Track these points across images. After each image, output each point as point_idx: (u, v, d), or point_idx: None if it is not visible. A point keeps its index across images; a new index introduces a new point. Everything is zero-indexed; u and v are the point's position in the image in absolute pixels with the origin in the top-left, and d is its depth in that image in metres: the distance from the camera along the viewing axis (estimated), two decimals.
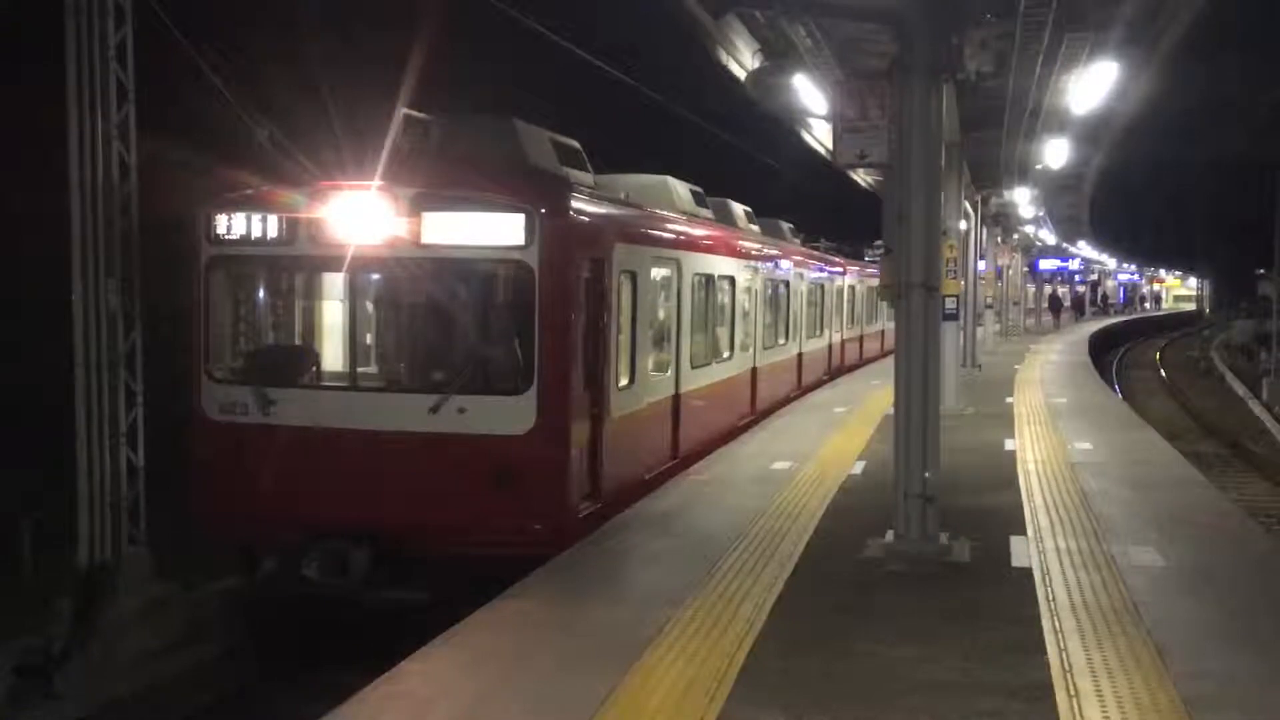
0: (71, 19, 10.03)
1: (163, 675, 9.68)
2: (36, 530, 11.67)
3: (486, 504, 8.98)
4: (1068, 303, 64.69)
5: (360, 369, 9.83)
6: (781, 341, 19.05)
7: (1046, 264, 59.43)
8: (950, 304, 17.50)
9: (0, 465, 13.41)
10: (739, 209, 18.02)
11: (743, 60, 15.42)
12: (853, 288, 26.90)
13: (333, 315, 10.13)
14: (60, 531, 10.68)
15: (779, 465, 12.62)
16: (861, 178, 27.55)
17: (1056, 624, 7.08)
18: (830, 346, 24.09)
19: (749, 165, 27.73)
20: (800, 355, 20.61)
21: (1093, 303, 74.18)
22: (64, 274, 10.30)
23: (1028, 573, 8.29)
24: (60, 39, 10.05)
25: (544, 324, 9.14)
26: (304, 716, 6.14)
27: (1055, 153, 22.48)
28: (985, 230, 30.43)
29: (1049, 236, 53.24)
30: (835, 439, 14.61)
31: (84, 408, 10.26)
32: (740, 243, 16.57)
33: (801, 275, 20.72)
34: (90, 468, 10.28)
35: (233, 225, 9.61)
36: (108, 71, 10.21)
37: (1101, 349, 44.89)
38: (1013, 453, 13.71)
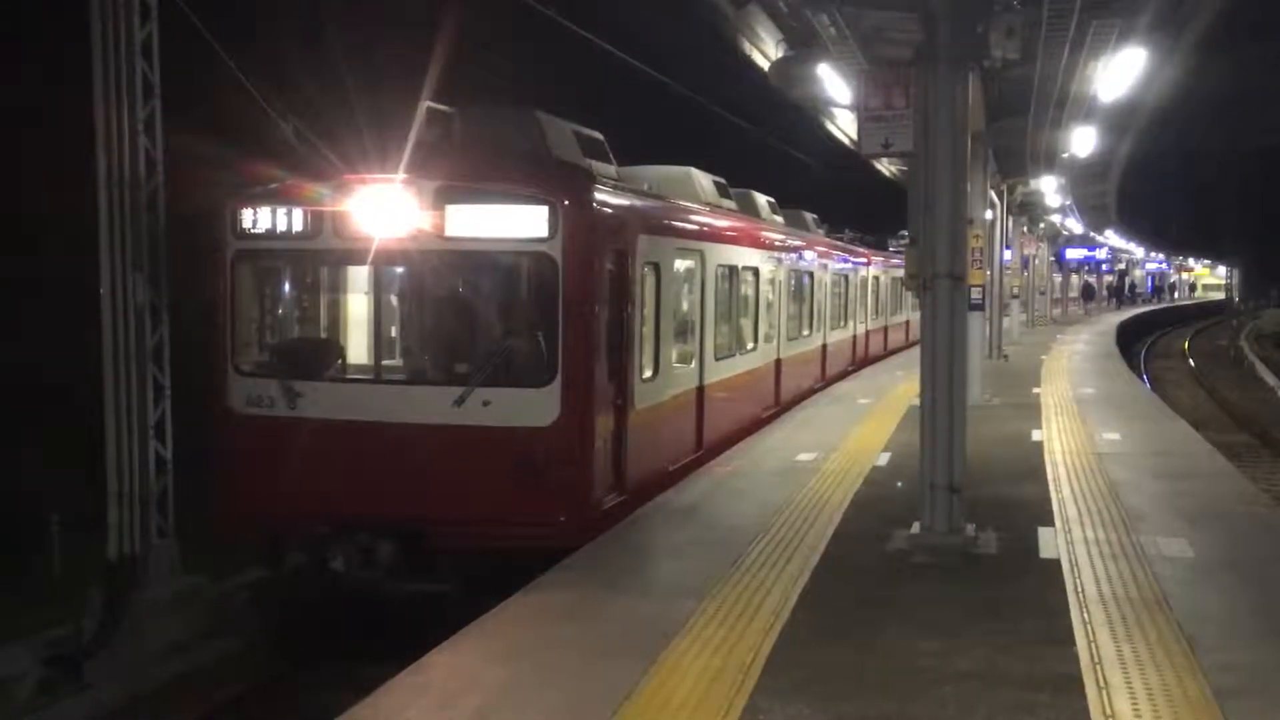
0: (97, 17, 10.08)
1: (191, 666, 9.76)
2: (64, 523, 11.77)
3: (511, 496, 8.99)
4: (1102, 291, 64.67)
5: (385, 362, 9.86)
6: (806, 333, 18.98)
7: (1073, 253, 59.09)
8: (976, 294, 17.39)
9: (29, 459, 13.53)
10: (762, 200, 17.95)
11: (766, 50, 15.37)
12: (877, 278, 26.77)
13: (357, 308, 10.15)
14: (89, 525, 10.76)
15: (804, 457, 12.58)
16: (886, 167, 27.42)
17: (1085, 616, 7.03)
18: (855, 338, 23.99)
19: (772, 156, 27.61)
20: (824, 346, 20.54)
21: (1120, 291, 73.84)
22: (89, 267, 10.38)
23: (1056, 564, 8.24)
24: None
25: (568, 316, 9.13)
26: (331, 707, 6.17)
27: (1082, 141, 22.26)
28: (1011, 219, 30.23)
29: (1075, 225, 52.82)
30: (860, 430, 14.55)
31: (112, 402, 10.34)
32: (764, 234, 16.51)
33: (825, 266, 20.64)
34: (119, 461, 10.36)
35: (258, 219, 9.66)
36: (134, 67, 10.25)
37: (1129, 338, 44.50)
38: (1039, 443, 13.62)
